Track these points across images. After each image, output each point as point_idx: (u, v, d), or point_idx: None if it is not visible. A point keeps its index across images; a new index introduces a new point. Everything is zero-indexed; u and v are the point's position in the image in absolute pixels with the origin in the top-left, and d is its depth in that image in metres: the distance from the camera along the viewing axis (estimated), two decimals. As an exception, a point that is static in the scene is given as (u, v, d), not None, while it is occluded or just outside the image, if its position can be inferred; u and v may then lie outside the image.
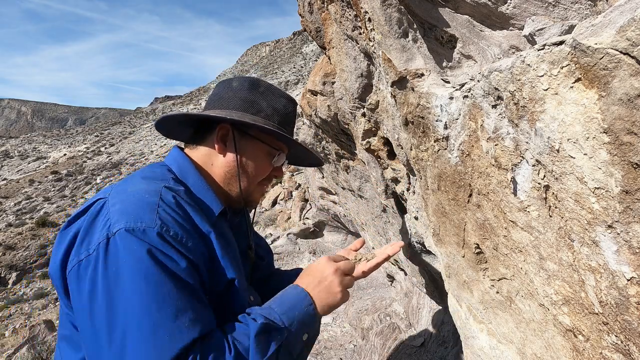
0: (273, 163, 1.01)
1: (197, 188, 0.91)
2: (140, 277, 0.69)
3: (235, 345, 0.72)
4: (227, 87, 1.01)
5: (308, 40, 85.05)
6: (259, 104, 0.99)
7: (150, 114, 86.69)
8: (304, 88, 2.00)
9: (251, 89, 1.00)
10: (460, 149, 0.85)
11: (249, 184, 0.99)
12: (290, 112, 1.05)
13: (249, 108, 0.97)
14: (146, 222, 0.73)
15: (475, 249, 0.88)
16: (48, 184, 40.14)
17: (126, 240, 0.71)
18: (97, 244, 0.71)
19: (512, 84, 0.63)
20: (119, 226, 0.72)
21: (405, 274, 2.33)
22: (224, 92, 1.00)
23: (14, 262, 23.33)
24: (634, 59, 0.44)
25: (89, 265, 0.71)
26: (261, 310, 0.81)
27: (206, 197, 0.91)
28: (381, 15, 1.02)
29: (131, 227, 0.72)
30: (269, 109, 0.99)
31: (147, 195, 0.79)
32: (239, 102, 0.97)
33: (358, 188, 2.13)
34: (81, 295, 0.70)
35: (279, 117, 1.00)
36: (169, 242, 0.73)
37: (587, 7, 0.85)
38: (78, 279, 0.71)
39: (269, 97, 1.00)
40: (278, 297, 0.86)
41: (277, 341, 0.77)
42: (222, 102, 0.99)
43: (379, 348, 2.18)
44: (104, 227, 0.73)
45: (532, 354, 0.76)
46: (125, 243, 0.71)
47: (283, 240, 4.97)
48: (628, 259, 0.50)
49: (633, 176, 0.47)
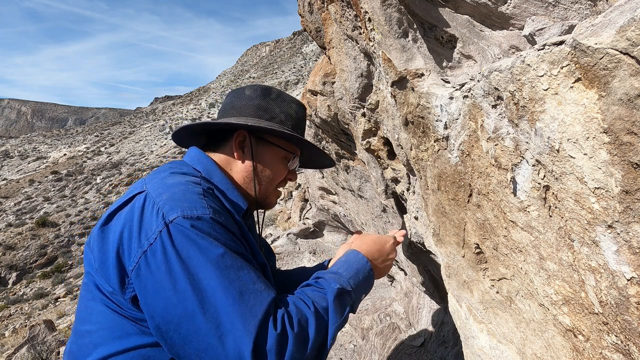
0: (289, 166, 1.06)
1: (223, 186, 0.95)
2: (212, 255, 0.72)
3: (315, 304, 0.78)
4: (239, 95, 1.05)
5: (308, 40, 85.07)
6: (273, 110, 1.03)
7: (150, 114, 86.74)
8: (304, 88, 2.00)
9: (263, 96, 1.03)
10: (460, 149, 0.85)
11: (268, 187, 1.04)
12: (302, 116, 1.10)
13: (264, 114, 1.01)
14: (199, 209, 0.77)
15: (475, 249, 0.88)
16: (48, 184, 40.14)
17: (186, 225, 0.74)
18: (158, 232, 0.74)
19: (512, 84, 0.63)
20: (175, 214, 0.75)
21: (405, 274, 2.33)
22: (237, 101, 1.04)
23: (14, 262, 23.33)
24: (634, 59, 0.44)
25: (156, 253, 0.73)
26: (332, 275, 0.88)
27: (232, 195, 0.94)
28: (381, 15, 1.02)
29: (187, 214, 0.75)
30: (282, 114, 1.03)
31: (190, 185, 0.83)
32: (253, 109, 1.01)
33: (358, 188, 2.13)
34: (158, 283, 0.72)
35: (292, 122, 1.05)
36: (222, 225, 0.78)
37: (587, 7, 0.85)
38: (149, 270, 0.73)
39: (281, 104, 1.04)
40: (342, 262, 0.94)
41: (349, 303, 0.85)
42: (236, 111, 1.02)
43: (379, 348, 2.17)
44: (157, 217, 0.76)
45: (532, 354, 0.76)
46: (187, 228, 0.74)
47: (283, 240, 4.97)
48: (628, 259, 0.50)
49: (633, 176, 0.47)
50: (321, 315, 0.78)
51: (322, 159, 1.18)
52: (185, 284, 0.71)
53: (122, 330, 0.79)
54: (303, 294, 0.81)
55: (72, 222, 28.13)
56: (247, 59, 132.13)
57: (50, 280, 19.89)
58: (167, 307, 0.71)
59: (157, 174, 0.91)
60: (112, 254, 0.77)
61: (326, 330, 0.77)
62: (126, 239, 0.77)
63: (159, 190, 0.81)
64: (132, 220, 0.78)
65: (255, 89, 1.05)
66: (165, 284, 0.71)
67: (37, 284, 20.23)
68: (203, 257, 0.72)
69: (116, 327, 0.79)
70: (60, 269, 21.50)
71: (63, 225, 27.92)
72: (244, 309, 0.70)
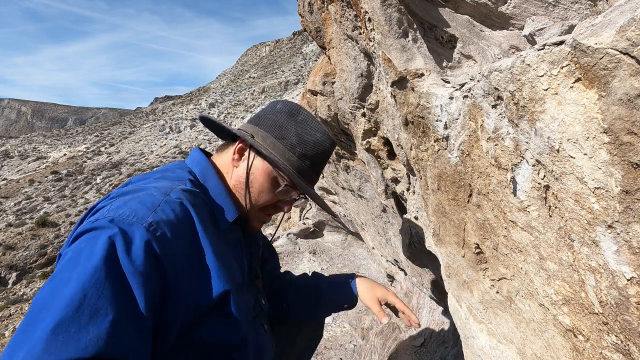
0: (277, 193, 0.97)
1: (215, 192, 0.92)
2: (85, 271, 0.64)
3: None
4: (272, 107, 1.03)
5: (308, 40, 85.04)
6: (287, 130, 0.96)
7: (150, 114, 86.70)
8: (304, 88, 2.00)
9: (289, 114, 0.99)
10: (460, 149, 0.85)
11: (252, 205, 0.96)
12: (321, 149, 0.99)
13: (275, 131, 0.96)
14: (138, 217, 0.71)
15: (475, 249, 0.88)
16: (48, 184, 40.13)
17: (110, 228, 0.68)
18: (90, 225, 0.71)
19: (512, 84, 0.63)
20: (113, 214, 0.71)
21: (405, 274, 2.33)
22: (266, 111, 1.02)
23: (14, 262, 23.33)
24: (634, 59, 0.44)
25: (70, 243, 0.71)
26: None
27: (224, 202, 0.92)
28: (381, 15, 1.02)
29: (119, 217, 0.70)
30: (294, 137, 0.96)
31: (155, 192, 0.79)
32: (271, 124, 0.98)
33: (358, 188, 2.13)
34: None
35: (302, 149, 0.96)
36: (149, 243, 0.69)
37: (587, 7, 0.85)
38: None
39: (302, 127, 0.98)
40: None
41: None
42: (259, 120, 1.00)
43: (379, 348, 2.17)
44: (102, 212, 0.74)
45: (532, 354, 0.76)
46: (108, 230, 0.68)
47: (283, 240, 4.97)
48: (628, 259, 0.50)
49: (633, 176, 0.47)
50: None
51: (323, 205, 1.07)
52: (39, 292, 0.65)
53: None
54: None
55: (72, 222, 28.13)
56: (247, 59, 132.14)
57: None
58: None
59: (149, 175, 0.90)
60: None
61: None
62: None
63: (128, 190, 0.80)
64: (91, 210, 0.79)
65: (286, 104, 1.02)
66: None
67: (37, 284, 20.23)
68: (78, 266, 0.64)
69: None
70: (60, 269, 21.46)
71: (63, 225, 27.92)
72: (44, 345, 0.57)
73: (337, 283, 1.30)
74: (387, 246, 2.23)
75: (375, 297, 1.23)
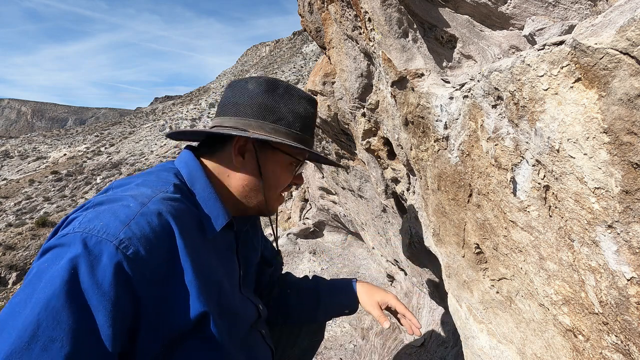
0: (295, 173, 0.96)
1: (203, 196, 0.85)
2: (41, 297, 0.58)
3: None
4: (242, 90, 0.92)
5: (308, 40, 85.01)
6: (279, 110, 0.90)
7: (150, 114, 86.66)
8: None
9: (269, 92, 0.91)
10: (460, 149, 0.85)
11: (271, 194, 0.94)
12: (312, 114, 0.97)
13: (269, 115, 0.89)
14: (109, 233, 0.65)
15: (475, 249, 0.88)
16: (48, 184, 40.12)
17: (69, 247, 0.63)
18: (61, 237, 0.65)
19: (512, 84, 0.63)
20: (83, 227, 0.65)
21: (405, 274, 2.33)
22: (239, 97, 0.91)
23: (14, 262, 23.32)
24: (634, 59, 0.44)
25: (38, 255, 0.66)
26: None
27: (212, 207, 0.85)
28: (381, 15, 1.02)
29: (89, 233, 0.65)
30: (289, 115, 0.91)
31: (132, 202, 0.72)
32: (257, 109, 0.89)
33: (358, 188, 2.13)
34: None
35: (301, 123, 0.93)
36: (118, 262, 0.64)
37: (587, 7, 0.85)
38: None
39: (289, 101, 0.92)
40: None
41: None
42: (238, 109, 0.90)
43: (379, 348, 2.17)
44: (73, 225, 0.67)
45: (532, 354, 0.76)
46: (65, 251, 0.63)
47: (283, 240, 4.97)
48: (628, 259, 0.50)
49: (633, 176, 0.47)
50: None
51: (328, 160, 1.08)
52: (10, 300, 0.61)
53: None
54: None
55: (72, 222, 28.10)
56: (247, 59, 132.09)
57: (50, 280, 19.88)
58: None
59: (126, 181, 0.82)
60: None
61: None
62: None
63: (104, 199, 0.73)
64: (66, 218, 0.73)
65: (260, 83, 0.91)
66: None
67: (37, 284, 20.21)
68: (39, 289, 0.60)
69: None
70: (60, 269, 21.47)
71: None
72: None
73: (338, 287, 1.28)
74: (387, 246, 2.23)
75: (375, 301, 1.20)
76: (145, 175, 0.84)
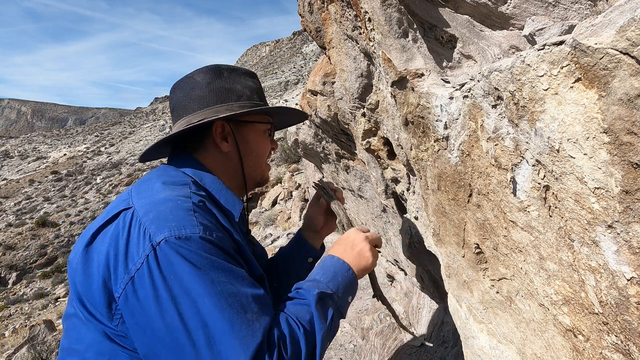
0: (271, 140, 1.05)
1: (216, 189, 0.90)
2: (201, 281, 0.68)
3: (300, 321, 0.77)
4: (192, 85, 0.95)
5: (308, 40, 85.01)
6: (236, 89, 0.97)
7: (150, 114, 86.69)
8: (304, 88, 2.00)
9: (218, 76, 0.96)
10: (460, 149, 0.85)
11: (261, 164, 1.03)
12: (260, 85, 1.06)
13: (230, 96, 0.95)
14: (188, 227, 0.72)
15: (475, 249, 0.88)
16: (48, 184, 40.14)
17: (175, 247, 0.69)
18: (145, 257, 0.69)
19: (512, 84, 0.63)
20: (163, 235, 0.70)
21: (405, 274, 2.33)
22: (192, 92, 0.94)
23: (14, 262, 23.33)
24: (634, 59, 0.44)
25: (144, 279, 0.68)
26: (310, 283, 0.87)
27: (227, 197, 0.91)
28: (381, 15, 1.02)
29: (175, 234, 0.71)
30: (246, 90, 0.98)
31: (179, 201, 0.77)
32: (217, 95, 0.94)
33: (358, 188, 2.13)
34: (146, 311, 0.68)
35: (257, 94, 1.01)
36: (214, 243, 0.73)
37: (587, 7, 0.85)
38: (137, 298, 0.69)
39: (239, 79, 0.98)
40: (319, 268, 0.93)
41: (332, 307, 0.83)
42: (197, 103, 0.94)
43: (379, 348, 2.17)
44: (144, 239, 0.71)
45: (532, 354, 0.76)
46: (175, 251, 0.69)
47: (283, 240, 4.97)
48: (628, 259, 0.50)
49: (633, 176, 0.47)
50: (309, 331, 0.76)
51: (295, 116, 1.16)
52: (173, 315, 0.67)
53: (111, 355, 0.75)
54: (290, 312, 0.79)
55: (72, 222, 28.14)
56: (247, 58, 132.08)
57: (50, 280, 19.90)
58: (156, 337, 0.68)
59: (145, 185, 0.84)
60: (98, 279, 0.73)
61: (314, 341, 0.76)
62: (112, 263, 0.72)
63: (146, 208, 0.76)
64: (117, 242, 0.73)
65: (206, 72, 0.95)
66: (153, 314, 0.68)
67: (37, 284, 20.23)
68: (192, 283, 0.68)
69: (104, 352, 0.75)
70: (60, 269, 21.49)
71: (63, 225, 27.91)
72: (238, 338, 0.66)
73: (287, 247, 1.28)
74: (387, 246, 2.23)
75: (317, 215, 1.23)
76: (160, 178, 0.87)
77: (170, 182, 0.85)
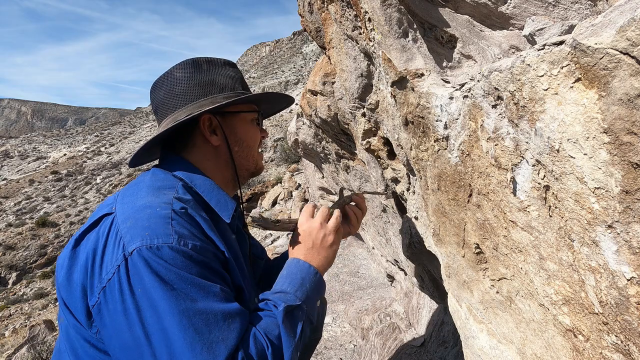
0: (260, 129, 1.04)
1: (206, 190, 0.88)
2: (168, 296, 0.67)
3: (269, 337, 0.75)
4: (173, 82, 0.94)
5: (308, 40, 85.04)
6: (218, 80, 0.95)
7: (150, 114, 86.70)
8: (304, 88, 2.00)
9: (198, 70, 0.94)
10: (460, 149, 0.85)
11: (253, 154, 1.02)
12: (241, 74, 1.04)
13: (213, 89, 0.93)
14: (162, 237, 0.71)
15: (475, 249, 0.88)
16: (48, 184, 40.13)
17: (145, 259, 0.69)
18: (116, 267, 0.69)
19: (512, 84, 0.63)
20: (135, 244, 0.70)
21: (405, 274, 2.33)
22: (174, 88, 0.93)
23: (14, 262, 23.34)
24: (634, 59, 0.44)
25: (114, 290, 0.69)
26: (277, 295, 0.84)
27: (218, 198, 0.88)
28: (381, 15, 1.02)
29: (147, 243, 0.70)
30: (229, 80, 0.97)
31: (158, 208, 0.76)
32: (200, 89, 0.92)
33: (358, 188, 2.13)
34: (116, 323, 0.69)
35: (239, 84, 0.99)
36: (187, 255, 0.72)
37: (587, 7, 0.85)
38: (107, 308, 0.70)
39: (219, 70, 0.97)
40: (284, 276, 0.89)
41: (301, 319, 0.81)
42: (180, 99, 0.92)
43: (379, 348, 2.17)
44: (118, 248, 0.71)
45: (532, 354, 0.76)
46: (145, 262, 0.69)
47: (283, 240, 4.97)
48: (628, 259, 0.50)
49: (633, 176, 0.47)
50: (277, 347, 0.75)
51: (282, 102, 1.12)
52: (139, 330, 0.67)
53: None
54: (259, 327, 0.77)
55: (72, 222, 28.13)
56: (247, 59, 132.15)
57: (50, 280, 19.90)
58: (125, 349, 0.68)
59: (132, 190, 0.84)
60: (78, 286, 0.74)
61: (282, 357, 0.75)
62: (89, 271, 0.73)
63: (125, 215, 0.76)
64: (96, 249, 0.73)
65: (184, 68, 0.94)
66: (122, 325, 0.68)
67: (37, 284, 20.23)
68: (159, 300, 0.67)
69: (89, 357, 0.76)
70: (60, 269, 21.45)
71: (63, 225, 27.91)
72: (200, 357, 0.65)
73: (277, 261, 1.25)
74: (387, 246, 2.23)
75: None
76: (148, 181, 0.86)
77: (157, 186, 0.83)
